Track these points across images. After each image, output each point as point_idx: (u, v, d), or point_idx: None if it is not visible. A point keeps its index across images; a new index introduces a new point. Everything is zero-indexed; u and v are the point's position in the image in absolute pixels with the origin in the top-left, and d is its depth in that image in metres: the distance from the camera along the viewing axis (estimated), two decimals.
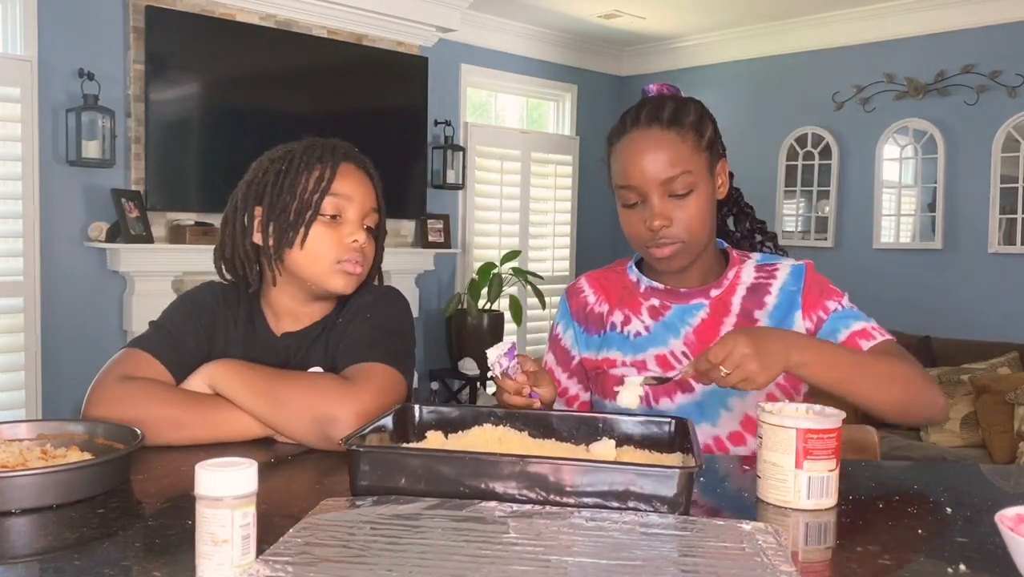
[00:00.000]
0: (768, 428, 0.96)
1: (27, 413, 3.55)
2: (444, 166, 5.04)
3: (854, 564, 0.78)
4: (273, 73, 4.20)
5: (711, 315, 1.34)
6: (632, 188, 1.27)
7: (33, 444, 1.06)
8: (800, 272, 1.34)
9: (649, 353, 1.35)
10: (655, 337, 1.35)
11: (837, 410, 0.98)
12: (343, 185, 1.28)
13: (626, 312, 1.39)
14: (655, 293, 1.37)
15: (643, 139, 1.28)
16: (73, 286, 3.74)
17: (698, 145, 1.28)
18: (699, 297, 1.35)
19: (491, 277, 5.00)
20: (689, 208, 1.26)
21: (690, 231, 1.27)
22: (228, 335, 1.33)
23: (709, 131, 1.30)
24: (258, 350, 1.32)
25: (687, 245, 1.28)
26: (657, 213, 1.26)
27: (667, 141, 1.26)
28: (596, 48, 5.99)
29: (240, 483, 0.71)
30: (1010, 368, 4.08)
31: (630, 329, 1.37)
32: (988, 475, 1.22)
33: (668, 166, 1.25)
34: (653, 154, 1.26)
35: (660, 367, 1.34)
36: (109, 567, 0.75)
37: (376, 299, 1.34)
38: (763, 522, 0.84)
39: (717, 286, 1.35)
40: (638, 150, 1.27)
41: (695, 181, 1.26)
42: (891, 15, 4.83)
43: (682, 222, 1.26)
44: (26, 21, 3.55)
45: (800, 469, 0.93)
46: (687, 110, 1.30)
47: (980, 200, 4.55)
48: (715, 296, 1.35)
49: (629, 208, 1.30)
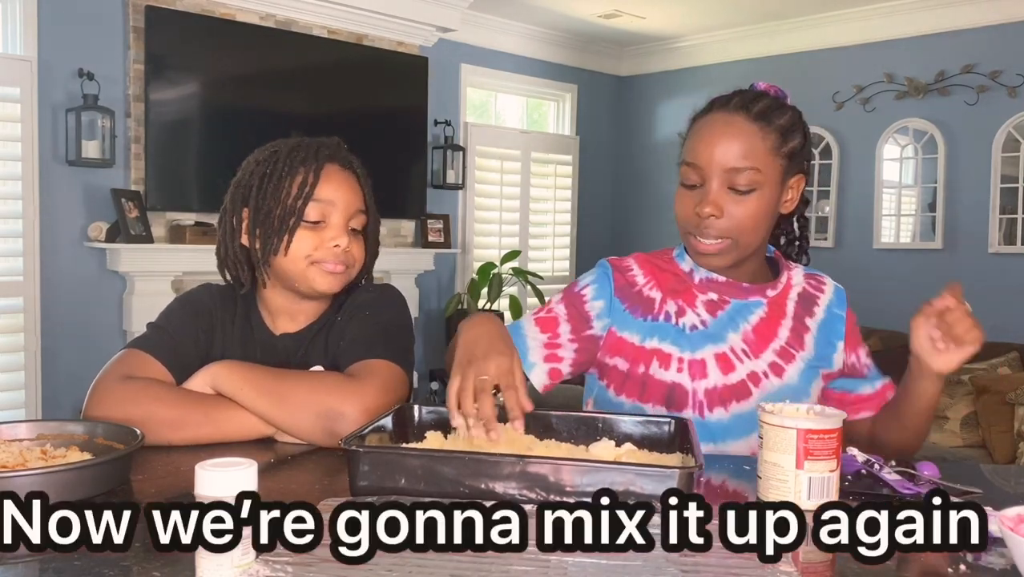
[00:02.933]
0: (769, 428, 0.96)
1: (27, 413, 3.55)
2: (444, 166, 5.04)
3: (854, 564, 0.78)
4: (273, 73, 4.20)
5: (769, 314, 1.29)
6: (695, 167, 1.22)
7: (33, 444, 1.05)
8: (842, 298, 1.35)
9: (708, 351, 1.26)
10: (713, 333, 1.28)
11: (837, 410, 0.98)
12: (326, 190, 1.27)
13: (680, 303, 1.29)
14: (713, 286, 1.29)
15: (724, 122, 1.22)
16: (73, 286, 3.74)
17: (778, 149, 1.22)
18: (757, 295, 1.29)
19: (491, 277, 5.00)
20: (746, 206, 1.20)
21: (740, 230, 1.21)
22: (226, 336, 1.33)
23: (796, 141, 1.24)
24: (257, 350, 1.31)
25: (733, 244, 1.22)
26: (711, 200, 1.20)
27: (747, 132, 1.20)
28: (596, 48, 5.99)
29: (240, 483, 0.71)
30: (1010, 368, 4.08)
31: (685, 322, 1.28)
32: (988, 475, 1.22)
33: (739, 156, 1.19)
34: (728, 140, 1.20)
35: (719, 365, 1.26)
36: (109, 567, 0.75)
37: (375, 297, 1.34)
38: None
39: (773, 287, 1.31)
40: (715, 131, 1.22)
41: (761, 181, 1.20)
42: (891, 15, 4.83)
43: (734, 218, 1.20)
44: (26, 21, 3.55)
45: (801, 469, 0.93)
46: (782, 112, 1.24)
47: (980, 200, 4.55)
48: (772, 296, 1.30)
49: (687, 188, 1.24)
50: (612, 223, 6.22)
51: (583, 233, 5.99)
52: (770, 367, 1.27)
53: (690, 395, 1.25)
